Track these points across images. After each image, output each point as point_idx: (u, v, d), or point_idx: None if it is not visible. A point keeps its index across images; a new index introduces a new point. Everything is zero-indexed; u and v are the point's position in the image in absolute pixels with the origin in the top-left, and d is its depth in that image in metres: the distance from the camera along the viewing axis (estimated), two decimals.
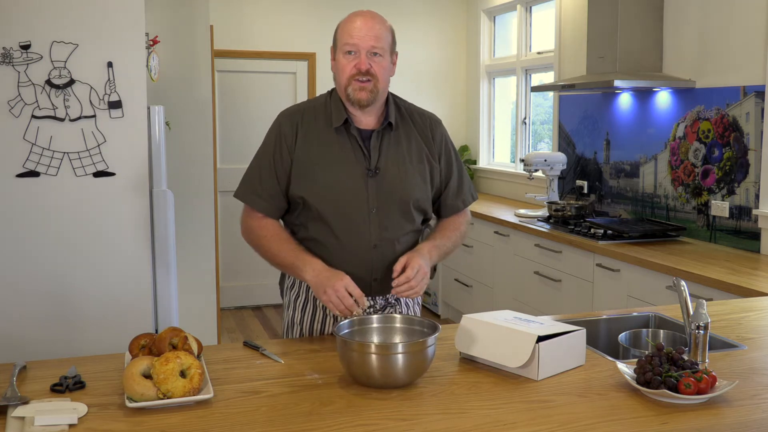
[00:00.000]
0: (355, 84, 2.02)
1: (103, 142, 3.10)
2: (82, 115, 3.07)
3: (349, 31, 2.03)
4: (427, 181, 2.13)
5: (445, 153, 2.19)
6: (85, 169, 3.09)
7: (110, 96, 3.10)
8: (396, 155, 2.09)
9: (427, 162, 2.14)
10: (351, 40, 2.01)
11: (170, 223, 3.30)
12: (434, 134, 2.17)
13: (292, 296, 2.19)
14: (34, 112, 3.02)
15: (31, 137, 3.02)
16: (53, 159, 3.05)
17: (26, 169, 3.03)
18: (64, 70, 3.04)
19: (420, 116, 2.18)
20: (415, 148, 2.12)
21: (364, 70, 2.01)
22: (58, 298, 3.09)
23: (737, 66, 3.61)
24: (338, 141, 2.06)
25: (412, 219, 2.12)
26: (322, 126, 2.08)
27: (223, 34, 5.58)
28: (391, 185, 2.07)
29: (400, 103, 2.18)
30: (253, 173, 2.13)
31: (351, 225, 2.05)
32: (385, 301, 2.14)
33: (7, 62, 2.98)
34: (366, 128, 2.09)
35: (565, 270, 4.03)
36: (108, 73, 3.09)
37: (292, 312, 2.18)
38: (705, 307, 1.79)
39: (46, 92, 3.02)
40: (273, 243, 2.08)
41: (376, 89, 2.03)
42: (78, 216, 3.10)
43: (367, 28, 2.02)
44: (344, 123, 2.06)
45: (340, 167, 2.05)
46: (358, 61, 2.01)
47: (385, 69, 2.05)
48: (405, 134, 2.13)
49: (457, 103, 6.44)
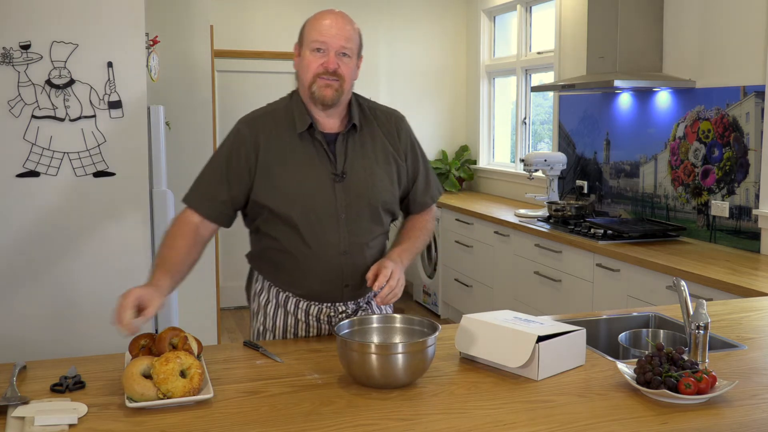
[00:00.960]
0: (320, 81, 1.96)
1: (103, 142, 3.10)
2: (82, 115, 3.07)
3: (319, 28, 1.98)
4: (394, 181, 2.09)
5: (411, 151, 2.14)
6: (85, 169, 3.09)
7: (110, 96, 3.10)
8: (362, 158, 2.04)
9: (394, 162, 2.09)
10: (321, 38, 1.97)
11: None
12: (399, 132, 2.12)
13: (262, 301, 2.15)
14: (34, 112, 3.02)
15: (31, 137, 3.02)
16: (53, 159, 3.05)
17: (26, 169, 3.03)
18: (64, 70, 3.04)
19: (384, 114, 2.13)
20: (381, 149, 2.07)
21: (332, 69, 1.96)
22: (58, 298, 3.09)
23: (737, 66, 3.61)
24: (302, 146, 2.01)
25: (381, 222, 2.09)
26: (284, 132, 2.02)
27: (223, 34, 5.58)
28: (358, 189, 2.02)
29: (362, 103, 2.13)
30: (203, 179, 2.07)
31: (320, 232, 2.00)
32: (356, 306, 2.12)
33: (7, 62, 2.98)
34: (330, 132, 2.04)
35: (565, 270, 4.04)
36: (108, 73, 3.09)
37: (263, 318, 2.14)
38: (705, 307, 1.79)
39: (46, 92, 3.03)
40: (166, 241, 1.98)
41: (341, 89, 1.98)
42: (78, 216, 3.10)
43: (337, 28, 1.98)
44: (308, 128, 2.01)
45: (306, 174, 2.00)
46: (327, 59, 1.96)
47: (351, 70, 2.01)
48: (370, 135, 2.07)
49: (457, 103, 6.44)
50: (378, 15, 6.10)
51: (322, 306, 2.08)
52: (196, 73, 4.32)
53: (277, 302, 2.11)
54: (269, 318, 2.12)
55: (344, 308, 2.09)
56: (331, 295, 2.07)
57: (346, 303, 2.10)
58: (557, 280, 4.09)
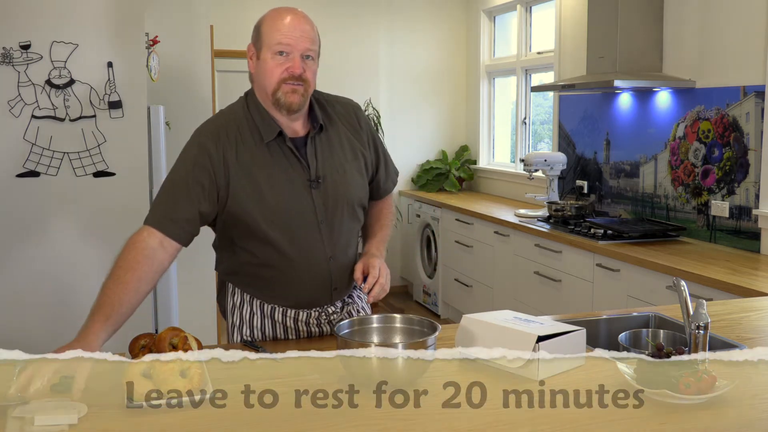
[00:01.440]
0: (285, 87, 1.86)
1: (103, 142, 3.10)
2: (82, 115, 3.07)
3: (280, 29, 1.86)
4: (364, 175, 2.06)
5: (372, 138, 2.11)
6: (85, 169, 3.09)
7: (110, 96, 3.10)
8: (332, 158, 1.98)
9: (361, 155, 2.05)
10: (284, 40, 1.85)
11: None
12: (360, 122, 2.07)
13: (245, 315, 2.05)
14: (34, 112, 3.02)
15: (31, 137, 3.02)
16: (53, 159, 3.05)
17: (26, 169, 3.03)
18: (64, 70, 3.04)
19: (342, 106, 2.07)
20: (348, 145, 2.02)
21: (298, 74, 1.86)
22: (58, 297, 3.09)
23: (737, 66, 3.61)
24: (273, 156, 1.91)
25: (357, 218, 2.08)
26: (250, 142, 1.91)
27: (223, 34, 5.57)
28: (335, 192, 1.96)
29: (320, 98, 2.04)
30: (166, 197, 1.90)
31: (302, 243, 1.94)
32: (342, 302, 2.11)
33: (7, 62, 2.98)
34: (296, 136, 1.95)
35: (565, 270, 4.04)
36: (108, 73, 3.09)
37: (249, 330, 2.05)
38: (705, 307, 1.79)
39: (46, 92, 3.03)
40: (113, 276, 1.78)
41: (306, 94, 1.90)
42: (78, 216, 3.10)
43: (300, 29, 1.87)
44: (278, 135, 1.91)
45: (281, 185, 1.91)
46: (291, 64, 1.86)
47: (315, 73, 1.92)
48: (335, 133, 2.01)
49: (457, 103, 6.44)
50: (378, 15, 6.10)
51: (311, 311, 2.05)
52: (196, 73, 4.32)
53: (263, 313, 2.04)
54: (257, 330, 2.05)
55: (334, 309, 2.08)
56: (320, 300, 2.05)
57: (334, 303, 2.09)
58: (557, 280, 4.09)
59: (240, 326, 2.06)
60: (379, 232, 2.13)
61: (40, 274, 3.09)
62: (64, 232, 3.09)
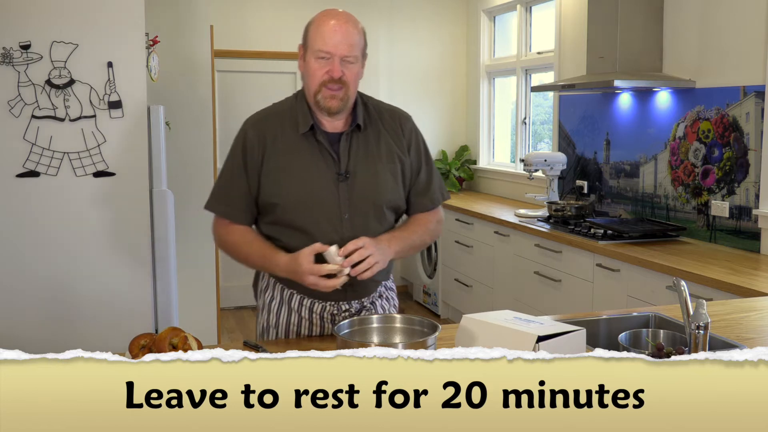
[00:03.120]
0: (326, 92, 1.97)
1: (103, 142, 3.10)
2: (82, 115, 3.07)
3: (323, 35, 1.97)
4: (398, 180, 2.08)
5: (414, 145, 2.14)
6: (85, 169, 3.09)
7: (110, 96, 3.10)
8: (366, 157, 2.04)
9: (398, 160, 2.08)
10: (325, 47, 1.96)
11: (170, 223, 3.31)
12: (403, 128, 2.13)
13: (267, 299, 2.16)
14: (34, 112, 3.02)
15: (31, 137, 3.02)
16: (53, 159, 3.05)
17: (26, 169, 3.04)
18: (64, 70, 3.04)
19: (389, 113, 2.14)
20: (385, 148, 2.07)
21: (338, 77, 1.96)
22: (58, 297, 3.09)
23: (737, 66, 3.61)
24: (306, 146, 2.02)
25: (385, 220, 2.08)
26: (288, 132, 2.03)
27: (223, 34, 5.57)
28: (362, 189, 2.02)
29: (368, 103, 2.13)
30: (223, 183, 2.09)
31: (324, 232, 2.00)
32: (360, 305, 2.12)
33: (7, 62, 2.98)
34: (333, 131, 2.04)
35: (565, 270, 4.04)
36: (108, 73, 3.09)
37: (267, 315, 2.15)
38: (705, 307, 1.79)
39: (46, 92, 3.03)
40: (242, 246, 2.06)
41: (346, 96, 1.99)
42: (78, 216, 3.10)
43: (341, 35, 1.96)
44: (311, 128, 2.02)
45: (309, 174, 2.01)
46: (331, 68, 1.96)
47: (356, 75, 2.01)
48: (374, 134, 2.07)
49: (457, 103, 6.44)
50: (378, 15, 6.10)
51: (326, 304, 2.09)
52: (196, 73, 4.32)
53: (282, 299, 2.12)
54: (273, 315, 2.13)
55: (347, 307, 2.10)
56: (335, 294, 2.06)
57: (350, 302, 2.10)
58: (557, 280, 4.09)
59: (261, 309, 2.18)
60: (400, 231, 2.10)
61: (40, 274, 3.09)
62: (64, 232, 3.09)
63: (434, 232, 2.19)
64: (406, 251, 2.10)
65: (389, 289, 2.23)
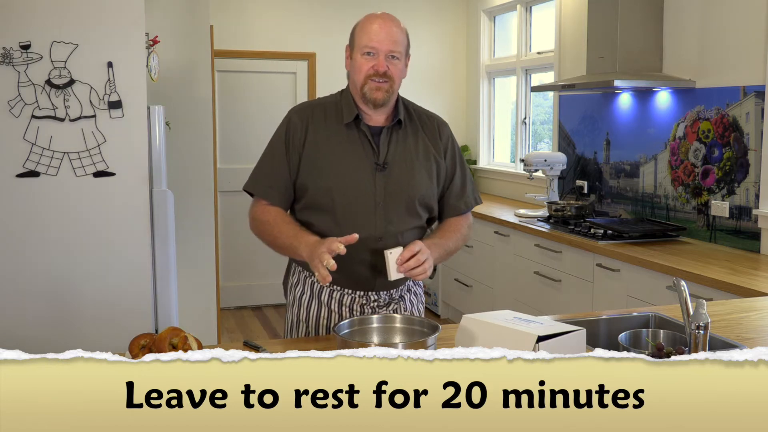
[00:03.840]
0: (371, 83, 2.06)
1: (103, 142, 3.10)
2: (82, 115, 3.07)
3: (369, 33, 2.07)
4: (433, 178, 2.17)
5: (450, 150, 2.23)
6: (85, 169, 3.09)
7: (110, 96, 3.10)
8: (404, 151, 2.13)
9: (434, 160, 2.17)
10: (371, 43, 2.06)
11: (170, 223, 3.31)
12: (441, 133, 2.22)
13: (297, 293, 2.21)
14: (34, 112, 3.02)
15: (31, 137, 3.02)
16: (53, 159, 3.05)
17: (26, 169, 3.04)
18: (64, 70, 3.04)
19: (428, 118, 2.24)
20: (422, 147, 2.17)
21: (383, 71, 2.06)
22: (58, 297, 3.09)
23: (737, 66, 3.61)
24: (348, 136, 2.11)
25: (416, 215, 2.15)
26: (332, 122, 2.13)
27: (223, 34, 5.58)
28: (398, 180, 2.10)
29: (408, 105, 2.23)
30: (264, 165, 2.16)
31: (357, 218, 2.07)
32: (389, 297, 2.16)
33: (7, 62, 2.98)
34: (376, 125, 2.14)
35: (565, 270, 4.04)
36: (108, 73, 3.09)
37: (297, 309, 2.19)
38: (705, 307, 1.79)
39: (46, 92, 3.03)
40: (274, 227, 2.10)
41: (391, 90, 2.08)
42: (78, 216, 3.10)
43: (386, 32, 2.07)
44: (354, 119, 2.11)
45: (348, 161, 2.09)
46: (377, 62, 2.06)
47: (400, 71, 2.11)
48: (413, 132, 2.17)
49: (457, 103, 6.44)
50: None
51: (354, 295, 2.13)
52: (196, 73, 4.32)
53: (312, 293, 2.17)
54: (303, 309, 2.18)
55: (376, 297, 2.13)
56: (365, 283, 2.11)
57: (378, 293, 2.14)
58: (557, 280, 4.09)
59: (292, 304, 2.23)
60: (436, 238, 2.16)
61: (40, 274, 3.09)
62: (64, 232, 3.09)
63: (466, 237, 2.27)
64: (443, 257, 2.16)
65: (417, 284, 2.29)
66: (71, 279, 3.10)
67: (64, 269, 3.10)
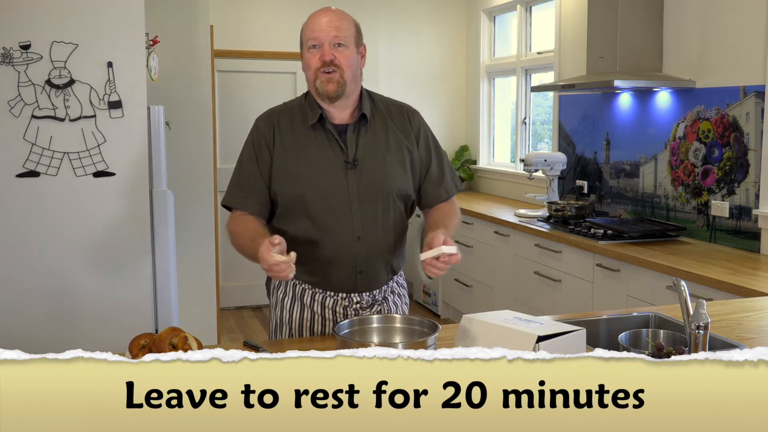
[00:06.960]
0: (322, 76, 2.02)
1: (103, 142, 3.10)
2: (82, 115, 3.07)
3: (311, 26, 2.05)
4: (407, 169, 2.13)
5: (423, 138, 2.18)
6: (85, 169, 3.09)
7: (110, 96, 3.10)
8: (374, 146, 2.09)
9: (407, 151, 2.13)
10: (313, 35, 2.04)
11: (170, 223, 3.31)
12: (412, 122, 2.18)
13: (279, 296, 2.18)
14: (34, 112, 3.02)
15: (31, 137, 3.02)
16: (53, 159, 3.05)
17: (26, 169, 3.04)
18: (64, 70, 3.04)
19: (396, 108, 2.19)
20: (393, 138, 2.12)
21: (328, 60, 2.02)
22: (58, 297, 3.09)
23: (737, 66, 3.61)
24: (315, 137, 2.08)
25: (395, 209, 2.12)
26: (297, 125, 2.10)
27: (223, 34, 5.58)
28: (371, 176, 2.07)
29: (375, 97, 2.19)
30: (236, 177, 2.14)
31: (333, 219, 2.05)
32: (372, 299, 2.14)
33: (7, 62, 2.98)
34: (341, 123, 2.10)
35: (565, 270, 4.04)
36: (108, 73, 3.09)
37: (280, 312, 2.17)
38: (705, 307, 1.79)
39: (46, 92, 3.03)
40: (242, 236, 2.04)
41: (343, 80, 2.03)
42: (78, 216, 3.10)
43: (327, 21, 2.04)
44: (319, 120, 2.08)
45: (318, 163, 2.06)
46: (322, 53, 2.02)
47: (349, 59, 2.04)
48: (381, 126, 2.13)
49: (457, 103, 6.44)
50: (378, 15, 6.10)
51: (337, 297, 2.11)
52: (196, 73, 4.32)
53: (294, 295, 2.15)
54: (286, 311, 2.15)
55: (359, 299, 2.11)
56: (346, 284, 2.09)
57: (361, 294, 2.11)
58: (557, 280, 4.09)
59: (274, 306, 2.21)
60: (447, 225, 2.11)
61: (40, 274, 3.09)
62: (64, 232, 3.09)
63: (459, 217, 2.28)
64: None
65: (401, 285, 2.27)
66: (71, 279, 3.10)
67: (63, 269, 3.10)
